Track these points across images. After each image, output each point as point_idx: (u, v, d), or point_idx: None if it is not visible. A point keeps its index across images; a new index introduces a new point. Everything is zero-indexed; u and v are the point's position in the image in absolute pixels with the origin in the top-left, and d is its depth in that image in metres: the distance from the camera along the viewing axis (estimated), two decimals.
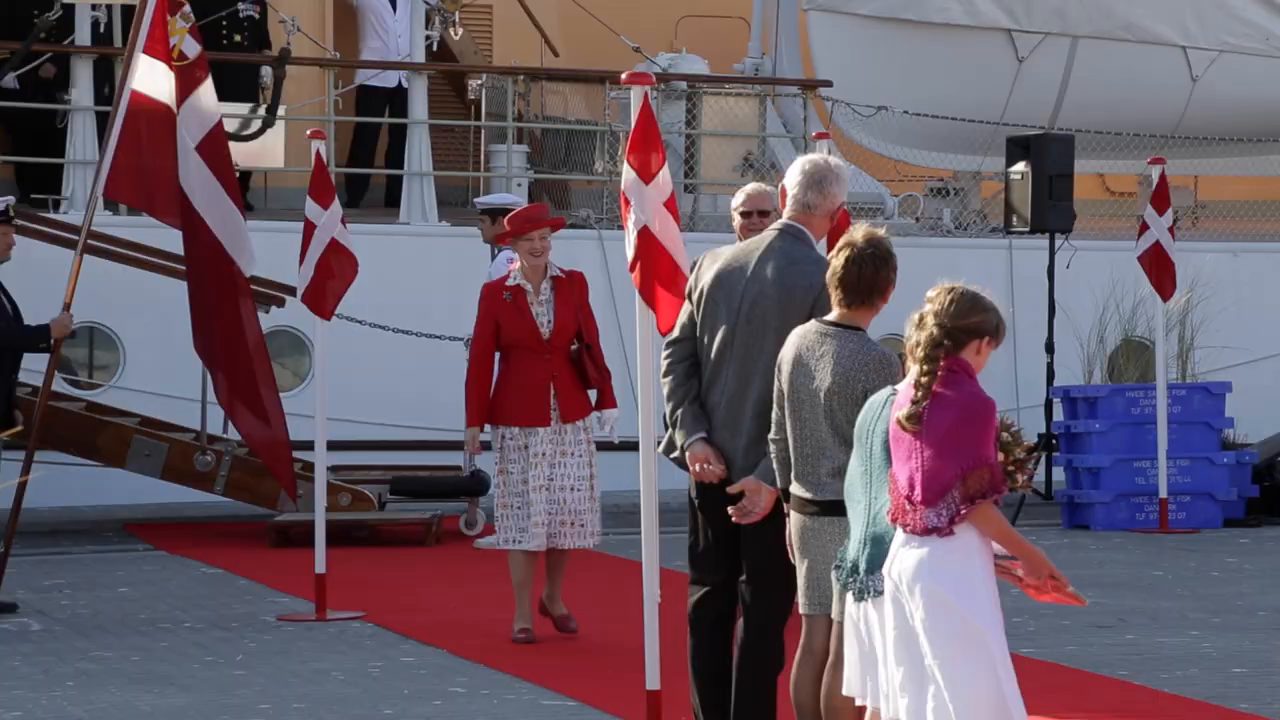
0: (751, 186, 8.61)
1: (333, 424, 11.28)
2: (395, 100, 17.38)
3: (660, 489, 7.64)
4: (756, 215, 8.42)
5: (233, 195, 11.01)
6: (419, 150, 16.58)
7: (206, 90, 10.95)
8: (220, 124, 11.05)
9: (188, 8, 11.03)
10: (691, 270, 7.42)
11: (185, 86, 10.89)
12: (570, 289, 10.35)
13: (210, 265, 10.98)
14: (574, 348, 10.35)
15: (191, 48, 10.95)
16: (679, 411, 7.32)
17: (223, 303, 11.00)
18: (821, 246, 7.40)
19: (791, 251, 7.22)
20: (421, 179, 16.56)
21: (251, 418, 11.13)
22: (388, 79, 17.38)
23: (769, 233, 7.34)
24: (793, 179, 7.32)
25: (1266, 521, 14.94)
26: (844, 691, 6.37)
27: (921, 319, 5.94)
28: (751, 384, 7.18)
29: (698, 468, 7.27)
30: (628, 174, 7.52)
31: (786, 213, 7.33)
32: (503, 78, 17.29)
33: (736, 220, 8.40)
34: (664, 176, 7.49)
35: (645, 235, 7.46)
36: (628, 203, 7.52)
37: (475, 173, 17.39)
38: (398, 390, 15.73)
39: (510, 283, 10.26)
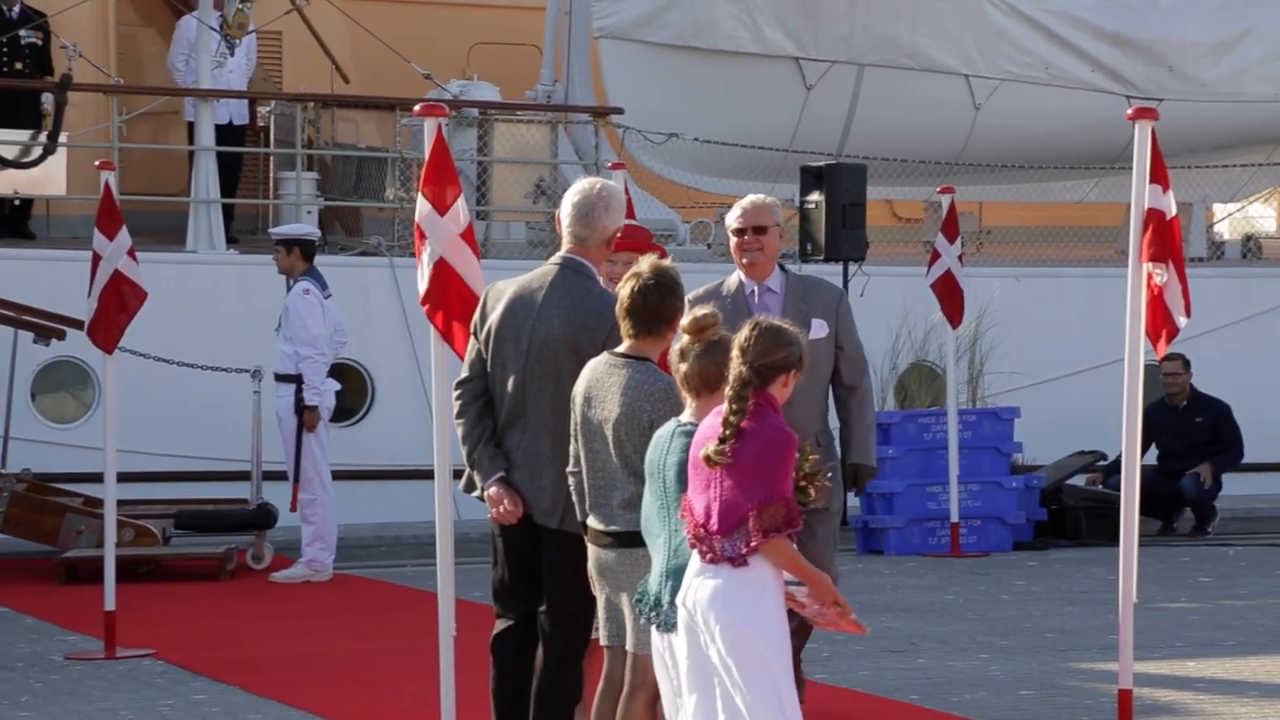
0: (748, 200, 8.31)
1: (118, 455, 11.08)
2: (226, 135, 17.19)
3: (462, 519, 7.60)
4: (751, 233, 8.24)
5: None
6: (205, 178, 16.37)
7: None
8: None
9: None
10: (478, 307, 7.38)
11: None
12: None
13: None
14: None
15: None
16: (475, 453, 7.28)
17: None
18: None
19: (575, 289, 7.21)
20: (209, 207, 16.36)
21: None
22: (218, 114, 17.14)
23: (550, 267, 7.30)
24: (564, 211, 7.32)
25: (1053, 544, 15.21)
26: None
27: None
28: (546, 424, 7.16)
29: (496, 510, 7.24)
30: (422, 205, 7.49)
31: (564, 245, 7.32)
32: (291, 105, 17.14)
33: (732, 240, 8.21)
34: (459, 208, 7.48)
35: (441, 267, 7.43)
36: (422, 235, 7.47)
37: (264, 200, 17.21)
38: (184, 421, 15.51)
39: None
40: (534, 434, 7.18)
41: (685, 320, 6.15)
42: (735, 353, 5.91)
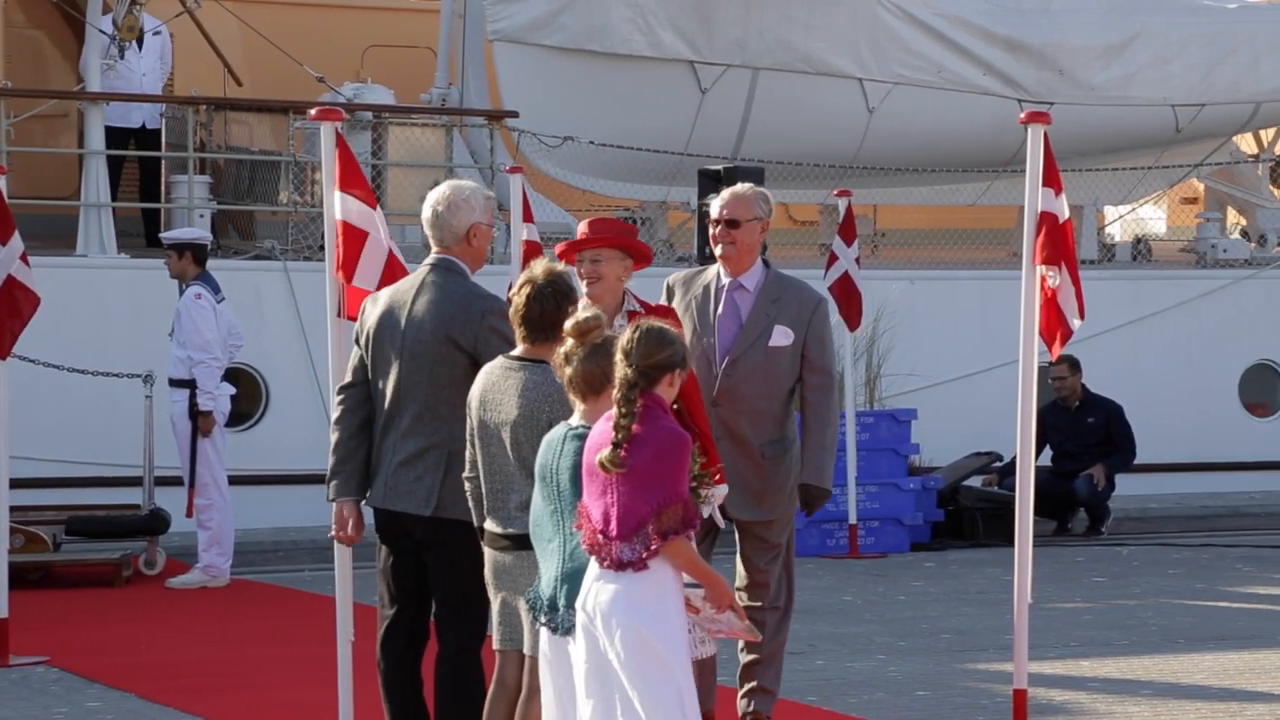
0: (729, 190, 8.05)
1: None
2: (140, 138, 17.04)
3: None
4: (725, 225, 8.01)
5: None
6: (96, 181, 16.21)
7: None
8: None
9: None
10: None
11: None
12: None
13: None
14: None
15: None
16: (341, 465, 7.41)
17: None
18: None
19: (445, 284, 7.35)
20: (99, 210, 16.20)
21: None
22: (130, 118, 16.99)
23: (423, 269, 7.45)
24: (422, 218, 7.50)
25: (950, 545, 15.31)
26: None
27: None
28: (422, 418, 7.26)
29: (336, 530, 7.40)
30: (351, 203, 7.59)
31: (433, 248, 7.47)
32: (183, 107, 17.01)
33: (710, 229, 8.08)
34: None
35: (392, 260, 7.65)
36: (359, 233, 7.51)
37: (156, 204, 17.06)
38: (74, 426, 15.36)
39: None
40: (410, 429, 7.29)
41: (568, 324, 6.19)
42: (619, 356, 5.95)
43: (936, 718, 9.08)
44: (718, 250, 8.15)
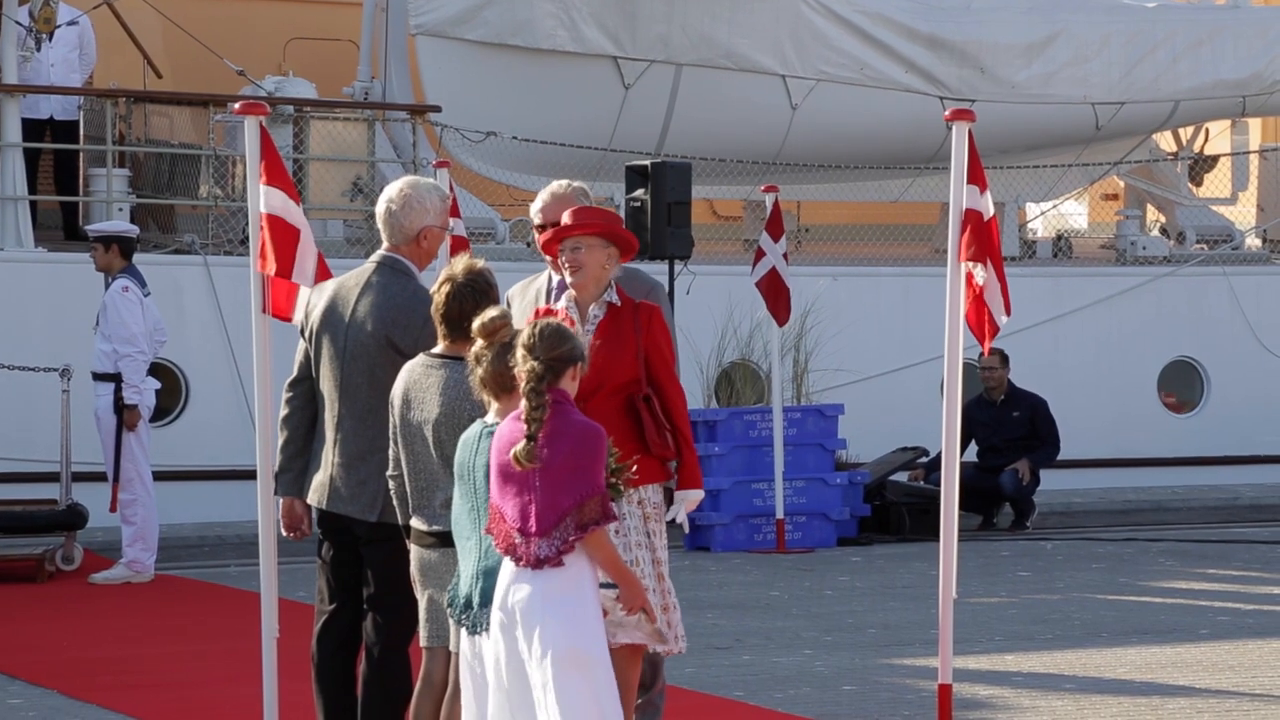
0: (547, 191, 7.73)
1: None
2: (54, 129, 16.89)
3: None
4: (550, 229, 7.60)
5: None
6: (12, 174, 16.06)
7: None
8: None
9: None
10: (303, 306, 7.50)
11: None
12: (631, 321, 7.50)
13: None
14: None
15: None
16: (287, 464, 7.40)
17: None
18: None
19: (389, 285, 7.30)
20: (16, 203, 16.05)
21: None
22: (39, 110, 16.84)
23: (369, 266, 7.40)
24: (376, 210, 7.43)
25: (877, 540, 15.36)
26: None
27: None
28: (364, 421, 7.22)
29: (285, 527, 7.42)
30: (277, 197, 7.51)
31: (383, 244, 7.42)
32: (102, 100, 16.87)
33: (538, 236, 7.67)
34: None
35: (320, 259, 7.53)
36: (286, 226, 7.43)
37: (74, 197, 16.92)
38: None
39: (557, 306, 7.52)
40: (352, 431, 7.26)
41: (475, 325, 6.19)
42: (521, 353, 5.95)
43: (862, 712, 9.09)
44: (546, 254, 7.66)
